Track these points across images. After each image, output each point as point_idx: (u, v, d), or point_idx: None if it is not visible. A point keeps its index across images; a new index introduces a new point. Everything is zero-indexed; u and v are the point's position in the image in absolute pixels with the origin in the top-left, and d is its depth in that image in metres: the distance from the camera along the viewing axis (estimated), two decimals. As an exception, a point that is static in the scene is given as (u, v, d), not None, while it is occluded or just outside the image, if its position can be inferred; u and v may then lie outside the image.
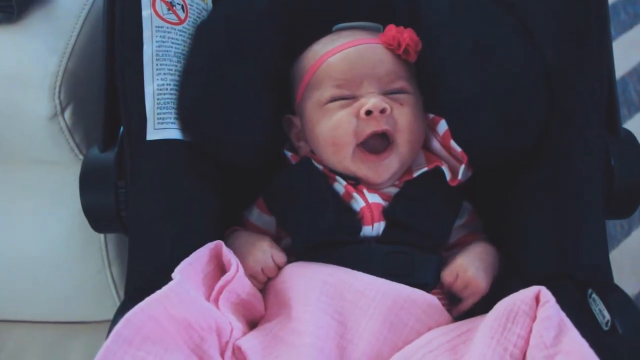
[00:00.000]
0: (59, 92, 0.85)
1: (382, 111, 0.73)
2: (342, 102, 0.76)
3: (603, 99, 0.74)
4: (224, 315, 0.66)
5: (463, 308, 0.72)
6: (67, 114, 0.87)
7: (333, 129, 0.75)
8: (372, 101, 0.73)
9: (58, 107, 0.86)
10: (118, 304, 0.75)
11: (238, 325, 0.66)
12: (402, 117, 0.75)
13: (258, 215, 0.81)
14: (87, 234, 0.95)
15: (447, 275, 0.72)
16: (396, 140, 0.75)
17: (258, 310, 0.71)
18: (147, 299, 0.62)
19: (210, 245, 0.71)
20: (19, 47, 0.85)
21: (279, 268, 0.73)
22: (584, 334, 0.58)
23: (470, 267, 0.71)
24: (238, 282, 0.68)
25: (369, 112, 0.73)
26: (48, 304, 1.11)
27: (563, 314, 0.60)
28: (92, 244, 1.02)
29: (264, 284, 0.73)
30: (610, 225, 1.38)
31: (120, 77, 0.76)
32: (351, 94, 0.76)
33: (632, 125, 1.54)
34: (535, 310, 0.61)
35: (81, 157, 0.89)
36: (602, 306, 0.67)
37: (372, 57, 0.77)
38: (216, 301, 0.67)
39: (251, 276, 0.72)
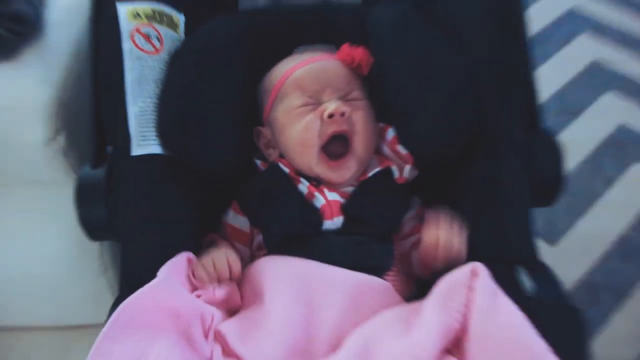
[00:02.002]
0: (54, 119, 0.90)
1: (342, 114, 0.81)
2: (309, 107, 0.84)
3: (524, 104, 0.83)
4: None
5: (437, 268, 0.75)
6: (62, 138, 0.92)
7: (302, 130, 0.83)
8: (333, 105, 0.82)
9: (53, 133, 0.91)
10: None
11: (218, 314, 0.72)
12: (358, 119, 0.84)
13: (233, 217, 0.86)
14: (84, 245, 0.96)
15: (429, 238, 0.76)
16: (353, 142, 0.83)
17: (235, 302, 0.77)
18: (139, 291, 0.68)
19: (185, 254, 0.77)
20: (15, 81, 0.90)
21: (232, 273, 0.76)
22: (514, 299, 0.65)
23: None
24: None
25: (331, 115, 0.81)
26: (52, 310, 1.15)
27: (494, 284, 0.66)
28: (89, 253, 1.06)
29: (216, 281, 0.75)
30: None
31: (106, 102, 0.82)
32: (316, 100, 0.84)
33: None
34: (472, 281, 0.67)
35: (75, 176, 0.90)
36: (527, 277, 0.75)
37: (331, 70, 0.86)
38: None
39: (202, 265, 0.75)
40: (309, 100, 0.84)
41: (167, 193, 0.83)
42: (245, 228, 0.86)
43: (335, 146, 0.83)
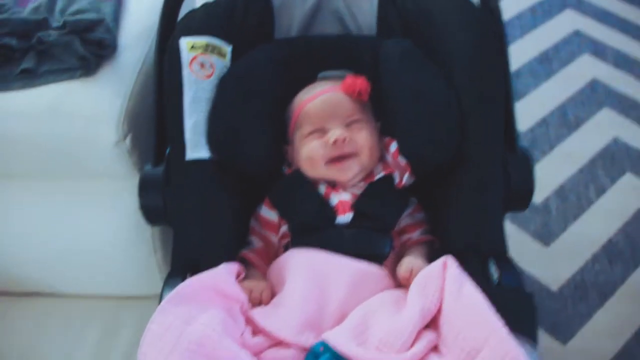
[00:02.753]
0: (123, 124, 1.02)
1: (343, 140, 0.95)
2: (316, 134, 0.97)
3: (501, 128, 0.94)
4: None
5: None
6: (128, 140, 1.04)
7: (310, 152, 0.96)
8: (336, 133, 0.95)
9: (121, 136, 1.03)
10: (162, 281, 0.88)
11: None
12: (360, 138, 0.96)
13: (265, 210, 0.99)
14: (140, 229, 1.15)
15: (403, 271, 0.88)
16: (359, 154, 0.96)
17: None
18: (203, 273, 0.81)
19: (237, 265, 0.89)
20: (94, 93, 1.04)
21: (260, 300, 0.88)
22: (482, 286, 0.75)
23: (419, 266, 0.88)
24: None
25: (335, 142, 0.94)
26: (109, 282, 1.29)
27: (463, 273, 0.78)
28: (143, 236, 1.18)
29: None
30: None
31: (168, 115, 0.95)
32: (322, 128, 0.97)
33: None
34: (444, 272, 0.79)
35: (137, 171, 1.05)
36: (495, 268, 0.86)
37: (335, 102, 0.98)
38: None
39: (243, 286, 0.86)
40: (316, 128, 0.97)
41: (211, 189, 0.95)
42: (274, 219, 0.99)
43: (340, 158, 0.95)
